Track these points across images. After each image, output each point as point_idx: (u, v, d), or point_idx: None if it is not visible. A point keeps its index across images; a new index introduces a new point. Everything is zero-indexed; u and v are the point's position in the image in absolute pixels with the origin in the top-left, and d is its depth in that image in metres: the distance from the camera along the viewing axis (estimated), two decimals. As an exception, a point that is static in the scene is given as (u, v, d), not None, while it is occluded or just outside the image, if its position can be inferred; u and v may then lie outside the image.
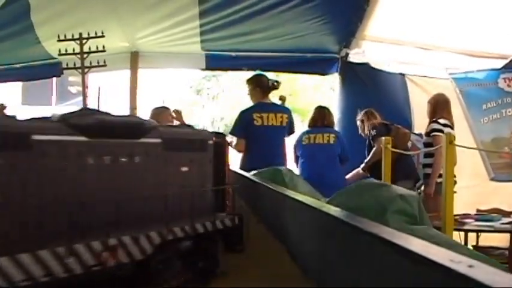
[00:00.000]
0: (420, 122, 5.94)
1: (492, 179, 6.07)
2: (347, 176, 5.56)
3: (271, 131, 4.83)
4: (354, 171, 5.71)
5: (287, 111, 5.07)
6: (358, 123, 5.73)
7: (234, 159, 4.66)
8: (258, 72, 5.46)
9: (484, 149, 6.01)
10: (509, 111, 6.11)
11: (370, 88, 6.34)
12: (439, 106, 5.17)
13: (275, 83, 5.08)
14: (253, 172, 3.14)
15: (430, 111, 5.22)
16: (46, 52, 5.60)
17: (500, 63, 6.22)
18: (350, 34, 6.01)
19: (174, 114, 5.09)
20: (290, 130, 5.08)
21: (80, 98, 4.06)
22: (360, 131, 5.71)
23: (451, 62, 6.20)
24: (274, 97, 5.15)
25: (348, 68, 6.41)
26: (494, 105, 6.14)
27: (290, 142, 5.38)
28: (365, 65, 6.39)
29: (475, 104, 6.12)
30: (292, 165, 5.65)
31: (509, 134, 6.11)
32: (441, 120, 5.03)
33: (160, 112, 5.05)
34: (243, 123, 4.87)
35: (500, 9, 5.24)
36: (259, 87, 5.00)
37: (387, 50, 6.25)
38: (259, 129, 4.80)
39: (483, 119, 6.16)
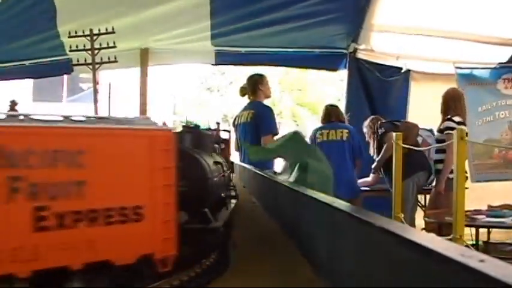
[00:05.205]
0: (414, 119, 5.92)
1: (476, 181, 6.07)
2: (361, 181, 5.58)
3: (240, 128, 5.02)
4: (369, 179, 5.73)
5: (255, 108, 5.01)
6: (365, 130, 5.73)
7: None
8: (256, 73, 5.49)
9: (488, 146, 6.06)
10: (502, 114, 6.27)
11: (375, 85, 6.36)
12: (453, 102, 5.10)
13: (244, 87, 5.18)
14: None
15: (444, 107, 5.13)
16: (61, 43, 5.57)
17: (506, 51, 6.21)
18: (358, 24, 5.99)
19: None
20: (258, 127, 4.88)
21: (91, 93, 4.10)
22: (367, 138, 5.71)
23: (458, 51, 6.14)
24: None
25: (356, 64, 6.40)
26: (489, 107, 6.29)
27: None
28: (372, 62, 6.38)
29: (472, 107, 6.11)
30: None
31: (500, 136, 6.24)
32: (456, 118, 4.97)
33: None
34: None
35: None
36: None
37: (394, 41, 6.21)
38: (236, 128, 5.11)
39: (477, 121, 6.23)
